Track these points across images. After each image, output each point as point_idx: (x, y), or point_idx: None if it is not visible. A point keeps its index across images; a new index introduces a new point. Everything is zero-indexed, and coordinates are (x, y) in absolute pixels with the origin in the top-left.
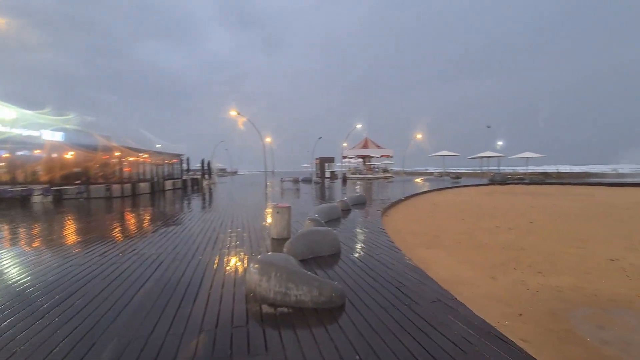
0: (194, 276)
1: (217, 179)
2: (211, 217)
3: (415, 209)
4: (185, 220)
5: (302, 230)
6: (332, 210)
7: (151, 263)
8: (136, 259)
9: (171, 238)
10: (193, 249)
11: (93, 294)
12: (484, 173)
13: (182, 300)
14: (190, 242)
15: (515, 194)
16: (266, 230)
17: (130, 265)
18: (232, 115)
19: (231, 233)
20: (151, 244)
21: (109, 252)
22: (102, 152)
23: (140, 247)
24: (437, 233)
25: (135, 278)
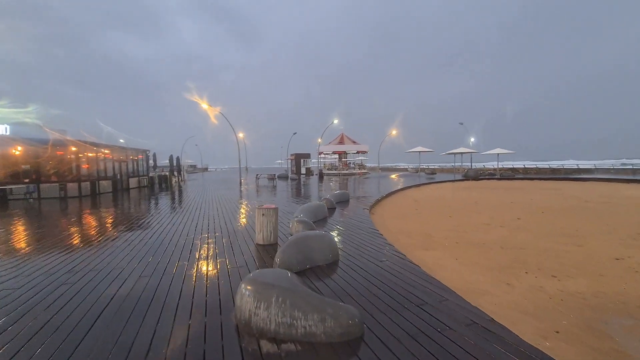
0: (167, 300)
1: (187, 175)
2: (184, 219)
3: (399, 206)
4: (153, 223)
5: (294, 236)
6: (318, 209)
7: (111, 283)
8: (93, 277)
9: (136, 247)
10: (164, 261)
11: (34, 327)
12: (457, 169)
13: (153, 337)
14: (160, 251)
15: (490, 188)
16: (248, 234)
17: (84, 285)
18: (203, 108)
19: (208, 239)
20: (111, 255)
21: (57, 268)
22: (55, 148)
23: (96, 261)
24: (429, 231)
25: (91, 303)
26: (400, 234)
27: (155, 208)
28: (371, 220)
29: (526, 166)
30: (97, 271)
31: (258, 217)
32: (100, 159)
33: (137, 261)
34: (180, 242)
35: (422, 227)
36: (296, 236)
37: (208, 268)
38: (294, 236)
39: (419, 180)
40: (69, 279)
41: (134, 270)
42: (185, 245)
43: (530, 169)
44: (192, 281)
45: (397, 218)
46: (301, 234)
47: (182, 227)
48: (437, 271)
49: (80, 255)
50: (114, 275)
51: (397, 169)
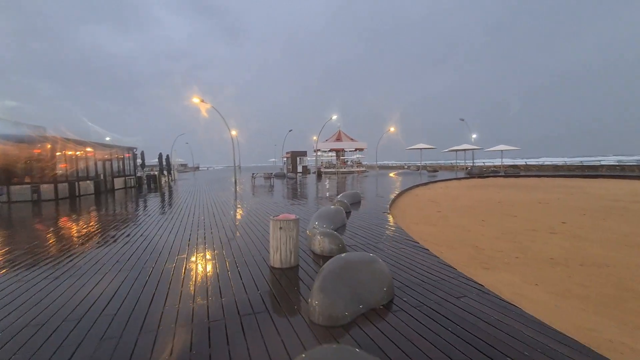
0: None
1: (177, 175)
2: (174, 229)
3: (419, 208)
4: (135, 235)
5: (333, 263)
6: (336, 215)
7: (65, 339)
8: (43, 324)
9: (111, 272)
10: (144, 300)
11: None
12: (456, 166)
13: None
14: (140, 280)
15: (503, 187)
16: (258, 252)
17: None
18: (194, 103)
19: (206, 257)
20: (77, 281)
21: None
22: (28, 145)
23: (57, 297)
24: (472, 241)
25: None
26: (440, 245)
27: (139, 213)
28: (401, 227)
29: (528, 163)
30: (47, 315)
31: (274, 232)
32: (80, 158)
33: (107, 298)
34: (167, 267)
35: (460, 235)
36: (335, 263)
37: (209, 312)
38: (331, 263)
39: (423, 179)
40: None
41: (104, 317)
42: (176, 271)
43: (531, 166)
44: (186, 344)
45: (425, 223)
46: (341, 259)
47: (173, 240)
48: (521, 303)
49: (30, 286)
50: (68, 327)
51: (394, 167)
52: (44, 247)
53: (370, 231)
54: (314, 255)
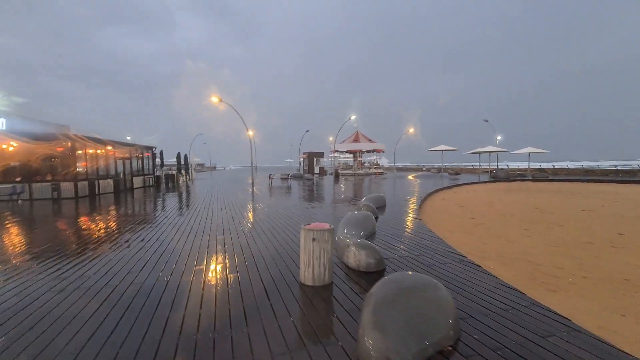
0: None
1: (195, 174)
2: (191, 233)
3: (450, 214)
4: (152, 239)
5: (387, 286)
6: (366, 221)
7: None
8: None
9: (122, 284)
10: (156, 330)
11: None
12: (478, 169)
13: None
14: (152, 303)
15: (534, 191)
16: (284, 263)
17: None
18: (213, 102)
19: (227, 270)
20: (80, 300)
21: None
22: (49, 143)
23: (57, 317)
24: (522, 255)
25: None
26: (487, 258)
27: (157, 214)
28: (438, 236)
29: (555, 166)
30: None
31: (305, 243)
32: (100, 156)
33: (109, 325)
34: (184, 280)
35: (505, 247)
36: (386, 288)
37: (233, 347)
38: (382, 288)
39: (445, 182)
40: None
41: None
42: (192, 287)
43: (560, 170)
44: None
45: (461, 232)
46: (393, 283)
47: (189, 248)
48: (627, 348)
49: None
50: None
51: (411, 169)
52: (51, 252)
53: (405, 240)
54: (347, 269)
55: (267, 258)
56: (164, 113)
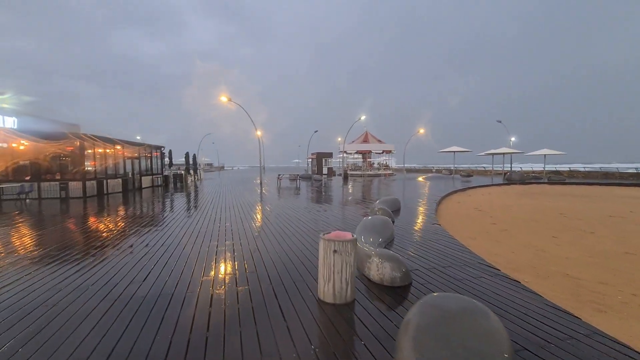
0: None
1: (203, 174)
2: (198, 238)
3: (469, 219)
4: (157, 244)
5: (425, 316)
6: (384, 227)
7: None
8: None
9: (121, 298)
10: (160, 351)
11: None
12: (493, 171)
13: None
14: (156, 318)
15: (553, 195)
16: (298, 274)
17: None
18: (222, 102)
19: (236, 280)
20: (75, 316)
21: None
22: (58, 142)
23: (44, 342)
24: (559, 267)
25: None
26: (519, 270)
27: (163, 217)
28: (462, 244)
29: (571, 169)
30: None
31: (325, 256)
32: (109, 155)
33: (109, 343)
34: (190, 293)
35: (537, 257)
36: (426, 314)
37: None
38: (421, 314)
39: (456, 184)
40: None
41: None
42: (198, 301)
43: (576, 172)
44: None
45: (485, 239)
46: (433, 309)
47: (196, 255)
48: None
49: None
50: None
51: (421, 171)
52: (54, 254)
53: (428, 249)
54: (369, 282)
55: (279, 268)
56: (174, 113)
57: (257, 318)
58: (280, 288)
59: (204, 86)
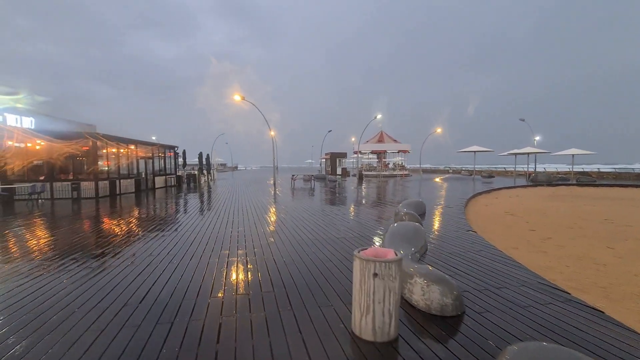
0: None
1: (217, 174)
2: (207, 247)
3: (503, 225)
4: (161, 254)
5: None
6: (416, 235)
7: None
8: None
9: (118, 318)
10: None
11: None
12: (515, 172)
13: None
14: (155, 344)
15: (588, 198)
16: (326, 299)
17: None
18: (235, 101)
19: (250, 306)
20: (64, 336)
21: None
22: (71, 142)
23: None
24: (629, 286)
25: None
26: (585, 292)
27: (174, 220)
28: (508, 255)
29: (600, 170)
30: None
31: (362, 279)
32: (122, 155)
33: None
34: (194, 324)
35: (598, 272)
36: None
37: None
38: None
39: (479, 185)
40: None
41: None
42: (203, 334)
43: (606, 174)
44: None
45: (529, 249)
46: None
47: (203, 269)
48: None
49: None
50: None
51: (437, 171)
52: (60, 257)
53: (470, 262)
54: (410, 307)
55: (301, 287)
56: (188, 114)
57: (276, 355)
58: (304, 316)
59: (218, 87)
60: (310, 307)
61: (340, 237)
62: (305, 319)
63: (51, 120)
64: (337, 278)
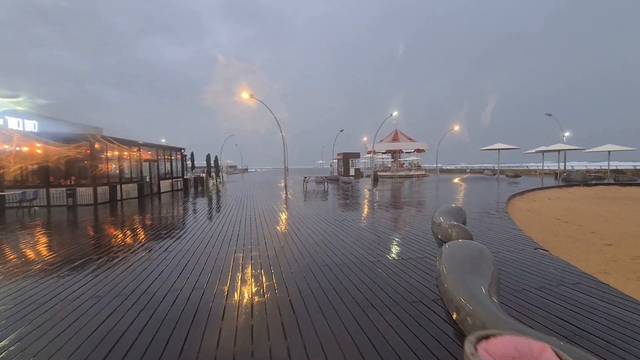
0: None
1: (226, 177)
2: (213, 274)
3: (565, 236)
4: (154, 283)
5: None
6: (484, 260)
7: None
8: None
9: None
10: None
11: None
12: (540, 170)
13: None
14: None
15: (637, 199)
16: (367, 347)
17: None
18: (244, 100)
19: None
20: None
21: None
22: (68, 145)
23: None
24: None
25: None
26: None
27: (175, 233)
28: (633, 298)
29: (637, 167)
30: None
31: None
32: (124, 159)
33: None
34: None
35: None
36: None
37: None
38: None
39: (506, 186)
40: None
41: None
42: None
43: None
44: None
45: (623, 274)
46: None
47: (207, 302)
48: None
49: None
50: None
51: (454, 171)
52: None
53: (576, 308)
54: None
55: (341, 338)
56: (198, 116)
57: None
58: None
59: (227, 89)
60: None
61: (375, 260)
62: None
63: (55, 123)
64: (380, 324)
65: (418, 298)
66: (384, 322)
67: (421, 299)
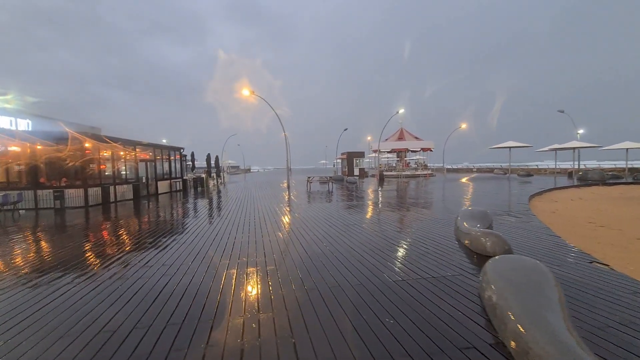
0: None
1: (227, 177)
2: (202, 276)
3: (609, 244)
4: (149, 285)
5: None
6: (545, 280)
7: None
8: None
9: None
10: None
11: None
12: (552, 169)
13: None
14: None
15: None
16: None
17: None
18: (248, 97)
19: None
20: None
21: None
22: (57, 144)
23: None
24: None
25: None
26: None
27: (167, 233)
28: None
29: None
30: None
31: None
32: (118, 158)
33: None
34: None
35: None
36: None
37: None
38: None
39: (518, 186)
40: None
41: None
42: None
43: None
44: None
45: None
46: None
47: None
48: None
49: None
50: None
51: (460, 170)
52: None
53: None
54: None
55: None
56: (200, 116)
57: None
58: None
59: (230, 89)
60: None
61: (398, 280)
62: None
63: (50, 122)
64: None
65: (469, 341)
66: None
67: (474, 343)
